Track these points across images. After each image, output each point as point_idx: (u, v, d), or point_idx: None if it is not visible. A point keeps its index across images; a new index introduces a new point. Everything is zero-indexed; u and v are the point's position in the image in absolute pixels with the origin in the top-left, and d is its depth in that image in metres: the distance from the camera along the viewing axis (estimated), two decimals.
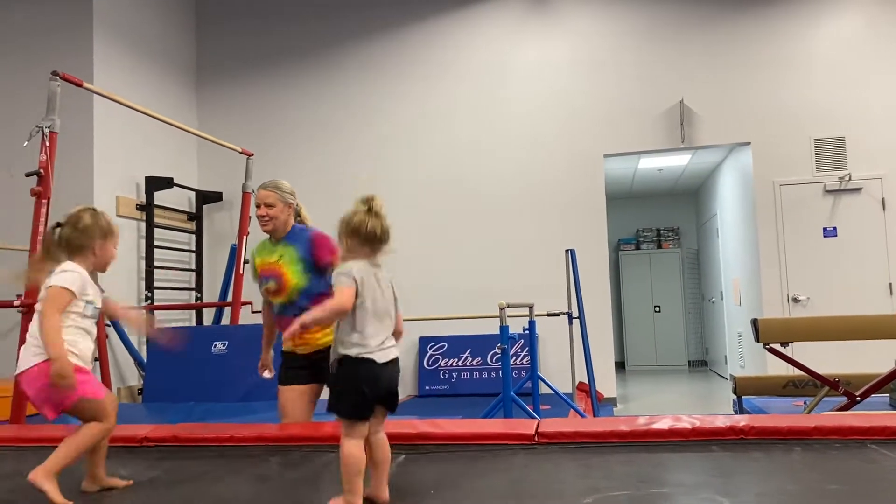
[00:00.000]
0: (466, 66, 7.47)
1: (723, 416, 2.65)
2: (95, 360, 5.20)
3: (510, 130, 7.31)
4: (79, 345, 2.24)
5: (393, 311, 2.21)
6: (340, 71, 7.72)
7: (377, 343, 2.07)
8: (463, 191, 7.36)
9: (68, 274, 2.22)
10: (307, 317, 2.05)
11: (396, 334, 2.21)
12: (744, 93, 6.92)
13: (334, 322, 2.14)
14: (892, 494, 1.87)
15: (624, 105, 7.12)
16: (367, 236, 2.14)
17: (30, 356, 2.18)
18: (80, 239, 2.28)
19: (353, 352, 2.04)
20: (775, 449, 2.36)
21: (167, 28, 7.58)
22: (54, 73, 4.24)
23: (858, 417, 2.63)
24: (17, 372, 2.20)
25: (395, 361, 2.12)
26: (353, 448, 1.99)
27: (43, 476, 2.07)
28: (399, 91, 7.59)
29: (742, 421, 2.54)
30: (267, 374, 3.23)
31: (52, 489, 2.06)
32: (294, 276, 3.10)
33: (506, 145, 7.31)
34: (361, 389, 2.01)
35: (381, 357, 2.07)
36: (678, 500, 1.90)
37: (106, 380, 6.17)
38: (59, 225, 2.32)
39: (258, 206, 3.22)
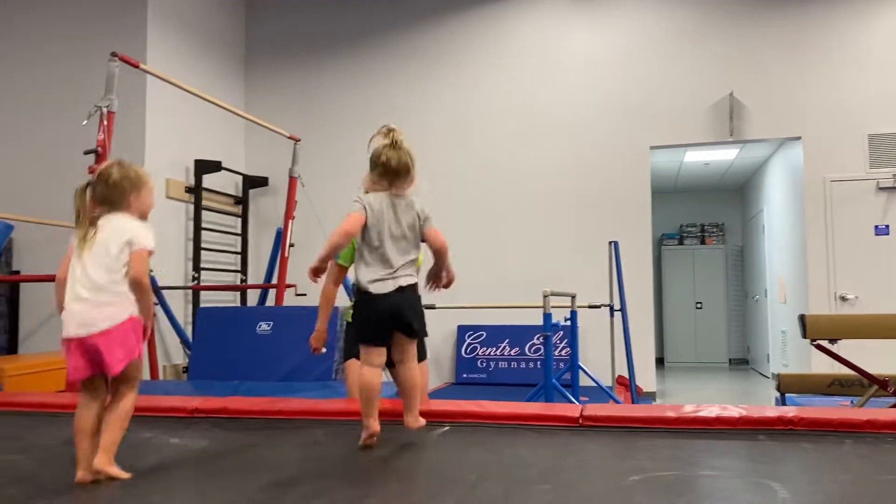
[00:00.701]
0: (513, 56, 7.45)
1: (771, 407, 2.62)
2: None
3: (555, 120, 7.27)
4: None
5: (412, 237, 2.28)
6: (387, 58, 7.76)
7: (371, 277, 2.23)
8: (506, 180, 7.35)
9: (149, 232, 2.18)
10: (318, 257, 2.28)
11: (438, 251, 2.35)
12: (796, 86, 6.78)
13: (344, 249, 2.39)
14: None
15: (672, 97, 7.03)
16: (384, 168, 2.27)
17: (117, 312, 2.07)
18: (114, 194, 2.22)
19: (358, 284, 2.26)
20: (825, 441, 2.33)
21: (217, 12, 7.69)
22: (113, 54, 4.34)
23: None
24: (103, 328, 2.04)
25: (400, 290, 2.23)
26: (365, 374, 2.23)
27: (108, 462, 1.99)
28: (445, 80, 7.60)
29: (791, 412, 2.51)
30: (324, 349, 3.24)
31: (118, 472, 2.01)
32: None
33: (550, 135, 7.27)
34: (360, 317, 2.28)
35: (377, 288, 2.22)
36: (727, 482, 1.89)
37: (153, 358, 6.32)
38: (89, 185, 2.26)
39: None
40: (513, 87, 7.42)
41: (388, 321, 2.25)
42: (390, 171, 2.25)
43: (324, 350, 3.17)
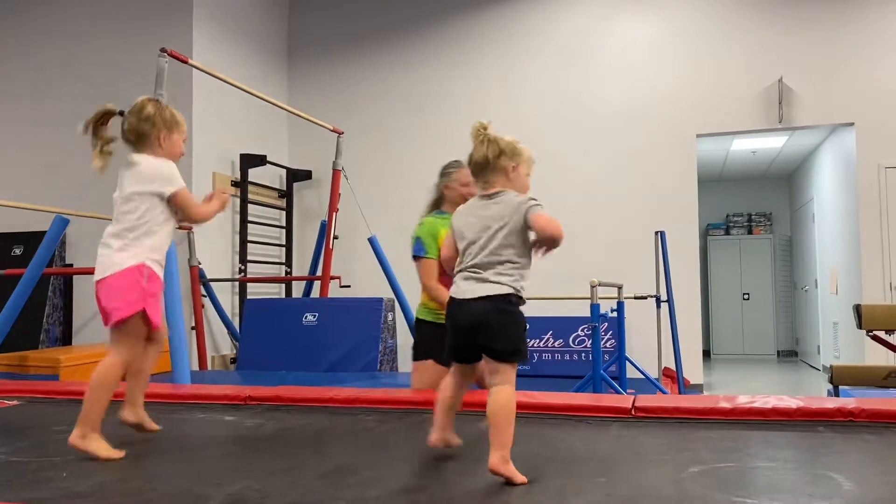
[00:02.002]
0: (558, 45, 7.38)
1: (829, 398, 2.56)
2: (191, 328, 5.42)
3: (601, 109, 7.19)
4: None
5: (505, 235, 1.95)
6: (430, 50, 7.75)
7: (458, 275, 2.00)
8: (552, 170, 7.28)
9: (174, 169, 2.20)
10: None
11: (540, 237, 1.96)
12: (847, 71, 6.60)
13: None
14: None
15: (719, 83, 6.89)
16: (469, 164, 2.11)
17: (127, 258, 2.12)
18: (144, 127, 2.19)
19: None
20: (888, 432, 2.27)
21: (260, 7, 7.77)
22: (162, 50, 4.40)
23: None
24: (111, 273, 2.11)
25: (483, 300, 1.90)
26: (444, 380, 2.05)
27: (79, 437, 2.03)
28: (490, 70, 7.57)
29: (851, 403, 2.45)
30: None
31: (97, 447, 2.04)
32: None
33: (596, 124, 7.19)
34: (446, 324, 2.03)
35: (455, 291, 1.99)
36: (789, 474, 1.85)
37: (201, 348, 6.44)
38: (121, 113, 2.23)
39: (466, 184, 3.30)
40: (558, 76, 7.36)
41: (466, 335, 1.94)
42: (472, 164, 2.08)
43: None
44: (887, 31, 6.52)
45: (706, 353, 10.30)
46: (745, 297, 10.70)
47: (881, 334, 4.22)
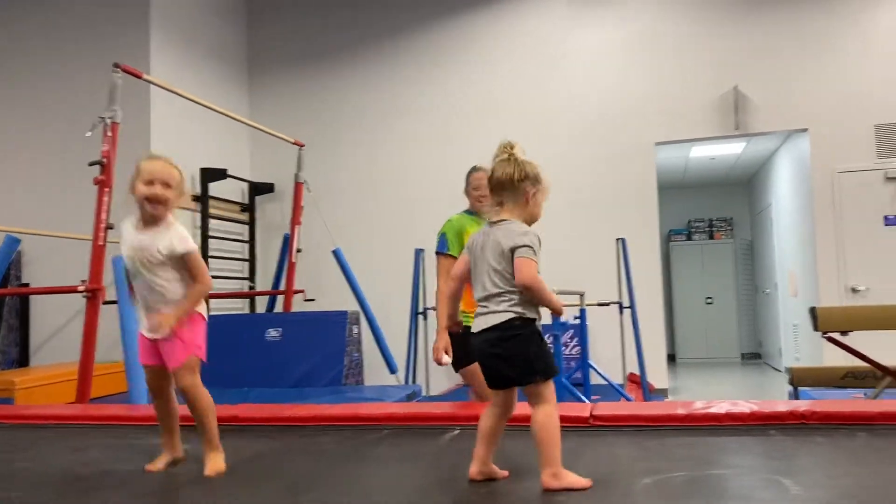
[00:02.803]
0: (517, 55, 7.43)
1: (782, 402, 2.60)
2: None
3: (560, 118, 7.25)
4: None
5: (485, 270, 1.96)
6: (391, 62, 7.76)
7: (476, 313, 1.98)
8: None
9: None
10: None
11: (519, 284, 1.92)
12: (801, 78, 6.74)
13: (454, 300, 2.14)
14: None
15: (676, 92, 7.00)
16: (490, 181, 2.05)
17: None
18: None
19: None
20: (838, 434, 2.31)
21: (220, 21, 7.72)
22: (115, 66, 4.35)
23: None
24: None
25: (487, 331, 1.92)
26: (483, 413, 2.00)
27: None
28: (449, 81, 7.60)
29: (803, 406, 2.49)
30: (446, 360, 2.86)
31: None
32: None
33: (556, 133, 7.25)
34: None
35: (473, 326, 1.99)
36: (739, 480, 1.88)
37: None
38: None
39: (477, 188, 3.34)
40: (519, 86, 7.41)
41: (486, 365, 1.97)
42: (492, 181, 2.03)
43: (446, 359, 2.84)
44: (838, 40, 6.69)
45: (671, 358, 10.42)
46: (709, 301, 10.85)
47: (836, 336, 4.29)
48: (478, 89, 7.49)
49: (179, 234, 2.21)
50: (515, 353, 1.90)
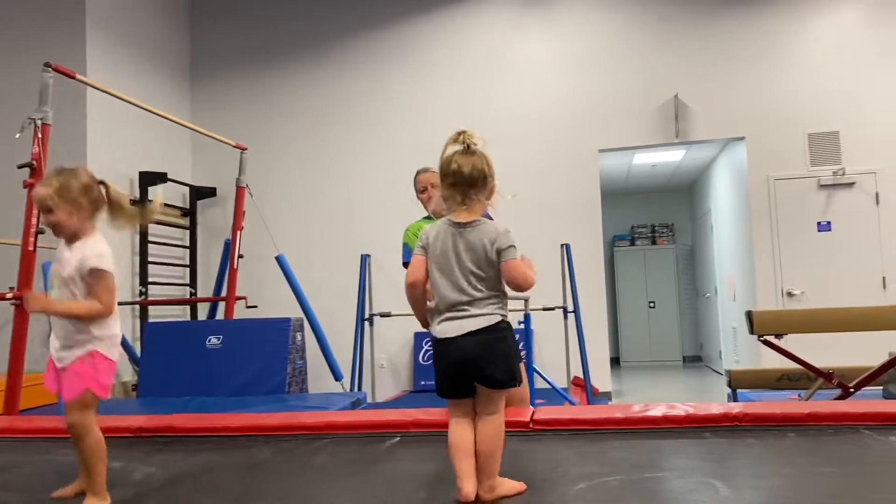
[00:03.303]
0: (462, 61, 7.46)
1: (717, 404, 2.65)
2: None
3: (505, 125, 7.30)
4: None
5: (486, 268, 1.89)
6: (336, 66, 7.71)
7: (436, 318, 1.90)
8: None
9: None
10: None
11: (514, 287, 1.91)
12: (738, 87, 6.93)
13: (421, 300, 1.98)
14: (884, 476, 1.88)
15: (618, 100, 7.12)
16: (455, 177, 1.90)
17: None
18: None
19: (431, 327, 1.94)
20: (769, 435, 2.36)
21: (161, 22, 7.56)
22: (46, 65, 4.22)
23: (851, 404, 2.64)
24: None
25: (471, 335, 1.84)
26: (449, 430, 1.88)
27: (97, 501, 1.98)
28: (394, 87, 7.58)
29: (736, 408, 2.55)
30: None
31: None
32: None
33: (500, 140, 7.29)
34: (435, 365, 1.91)
35: (439, 332, 1.88)
36: (672, 483, 1.90)
37: None
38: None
39: (423, 190, 3.20)
40: (463, 92, 7.43)
41: (458, 369, 1.86)
42: (463, 179, 1.89)
43: None
44: (774, 51, 6.89)
45: (615, 361, 10.57)
46: (651, 305, 11.04)
47: (771, 339, 4.40)
48: (423, 94, 7.50)
49: (95, 250, 2.07)
50: (503, 355, 1.86)
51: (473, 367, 1.84)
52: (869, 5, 6.78)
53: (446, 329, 1.86)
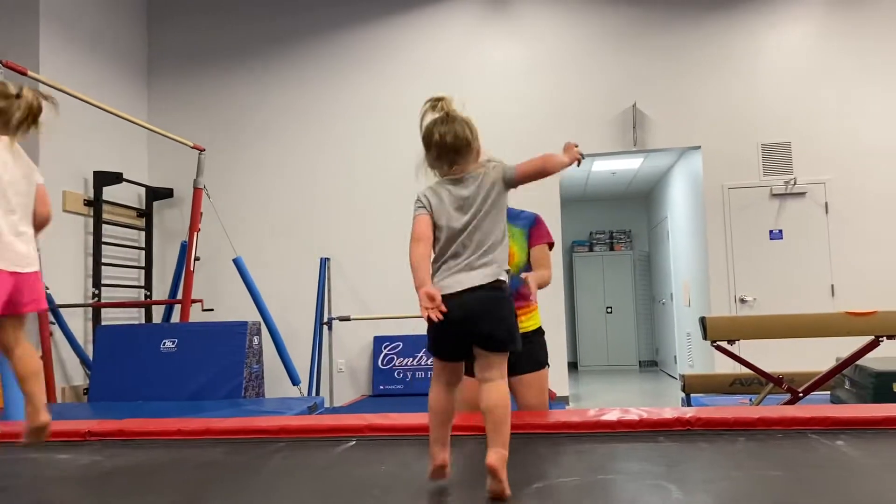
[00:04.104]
0: (423, 65, 7.48)
1: (670, 409, 2.69)
2: None
3: None
4: None
5: (487, 221, 1.84)
6: (297, 67, 7.66)
7: (438, 277, 1.82)
8: (416, 186, 7.35)
9: None
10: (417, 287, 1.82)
11: (538, 171, 1.93)
12: (695, 98, 7.06)
13: (425, 259, 1.87)
14: (829, 480, 1.93)
15: (578, 108, 7.20)
16: (439, 148, 1.84)
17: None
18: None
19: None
20: (720, 439, 2.41)
21: (117, 21, 7.43)
22: None
23: (800, 409, 2.70)
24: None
25: (472, 290, 1.76)
26: (431, 393, 1.84)
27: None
28: (355, 89, 7.56)
29: (689, 412, 2.59)
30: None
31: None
32: (520, 251, 3.06)
33: None
34: (431, 322, 1.77)
35: (442, 288, 1.78)
36: (624, 486, 1.93)
37: (49, 379, 6.00)
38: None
39: None
40: (423, 96, 7.41)
41: (457, 329, 1.77)
42: (447, 148, 1.84)
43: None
44: (730, 63, 7.04)
45: (573, 366, 10.67)
46: (609, 310, 11.18)
47: (724, 344, 4.49)
48: (384, 97, 7.49)
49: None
50: (505, 316, 1.79)
51: (474, 326, 1.76)
52: (820, 22, 6.98)
53: (450, 283, 1.79)
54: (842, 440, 2.31)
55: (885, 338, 4.03)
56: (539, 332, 3.02)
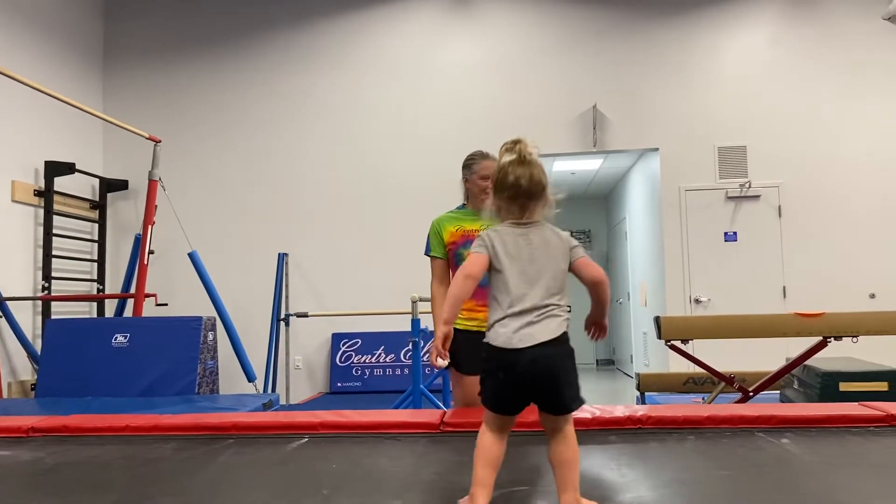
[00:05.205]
0: (385, 62, 7.44)
1: (622, 406, 2.71)
2: None
3: (427, 127, 7.32)
4: None
5: (551, 276, 1.76)
6: (257, 61, 7.56)
7: (500, 325, 1.69)
8: (379, 186, 7.32)
9: None
10: (440, 325, 1.76)
11: (594, 286, 1.82)
12: (654, 100, 7.15)
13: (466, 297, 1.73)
14: (775, 478, 1.96)
15: (540, 107, 7.24)
16: (514, 190, 1.76)
17: None
18: None
19: (489, 333, 1.70)
20: (670, 438, 2.43)
21: (74, 7, 7.25)
22: None
23: (748, 408, 2.75)
24: None
25: (543, 345, 1.66)
26: (482, 436, 1.71)
27: None
28: (316, 85, 7.49)
29: (640, 411, 2.61)
30: (441, 363, 2.41)
31: None
32: None
33: (422, 142, 7.31)
34: (486, 373, 1.68)
35: (505, 340, 1.66)
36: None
37: None
38: None
39: (486, 178, 3.01)
40: (385, 94, 7.41)
41: (521, 388, 1.67)
42: (522, 192, 1.76)
43: (442, 363, 2.39)
44: (689, 67, 7.14)
45: None
46: (568, 308, 11.25)
47: (678, 344, 4.55)
48: (342, 92, 7.44)
49: None
50: (573, 374, 1.71)
51: (542, 384, 1.66)
52: (776, 29, 7.12)
53: (510, 339, 1.66)
54: (787, 438, 2.35)
55: (832, 338, 4.13)
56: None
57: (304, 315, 6.84)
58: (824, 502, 1.74)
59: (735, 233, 6.99)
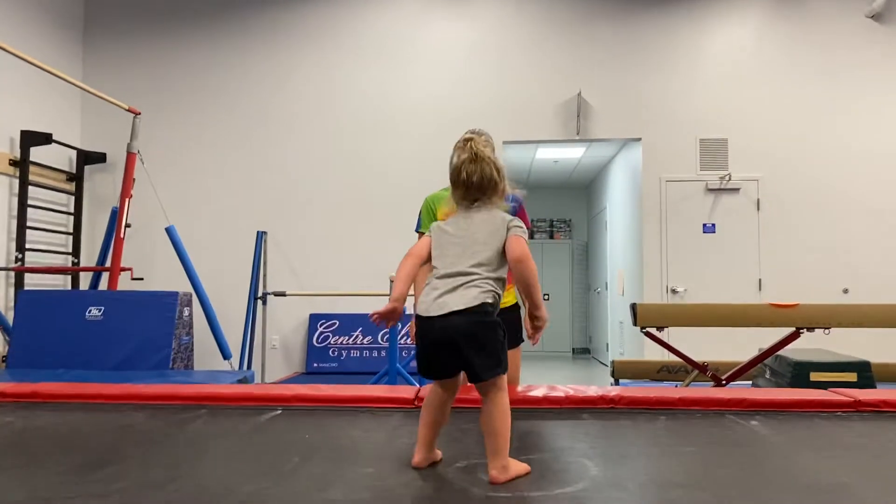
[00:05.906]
0: (369, 43, 7.40)
1: (596, 387, 2.73)
2: None
3: (409, 112, 7.29)
4: None
5: (483, 247, 1.80)
6: (240, 35, 7.48)
7: (425, 296, 1.80)
8: (360, 168, 7.29)
9: None
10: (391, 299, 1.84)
11: (514, 266, 1.80)
12: (638, 90, 7.17)
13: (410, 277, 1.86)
14: (741, 455, 1.99)
15: (524, 93, 7.23)
16: (466, 186, 1.86)
17: None
18: None
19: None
20: (642, 417, 2.46)
21: None
22: None
23: (720, 391, 2.78)
24: None
25: (455, 314, 1.72)
26: (425, 399, 1.86)
27: None
28: (297, 61, 7.43)
29: (613, 391, 2.63)
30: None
31: None
32: None
33: (405, 125, 7.28)
34: (419, 341, 1.80)
35: (425, 308, 1.77)
36: (547, 463, 1.94)
37: None
38: None
39: None
40: (366, 79, 7.36)
41: (437, 354, 1.77)
42: (473, 188, 1.86)
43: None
44: (673, 59, 7.16)
45: None
46: (546, 297, 11.31)
47: (653, 331, 4.59)
48: (325, 76, 7.40)
49: None
50: (489, 341, 1.74)
51: (455, 354, 1.74)
52: (760, 23, 7.15)
53: (429, 307, 1.76)
54: (757, 420, 2.38)
55: (805, 329, 4.19)
56: (516, 308, 3.07)
57: (282, 294, 6.81)
58: (788, 479, 1.76)
59: (714, 225, 7.04)
